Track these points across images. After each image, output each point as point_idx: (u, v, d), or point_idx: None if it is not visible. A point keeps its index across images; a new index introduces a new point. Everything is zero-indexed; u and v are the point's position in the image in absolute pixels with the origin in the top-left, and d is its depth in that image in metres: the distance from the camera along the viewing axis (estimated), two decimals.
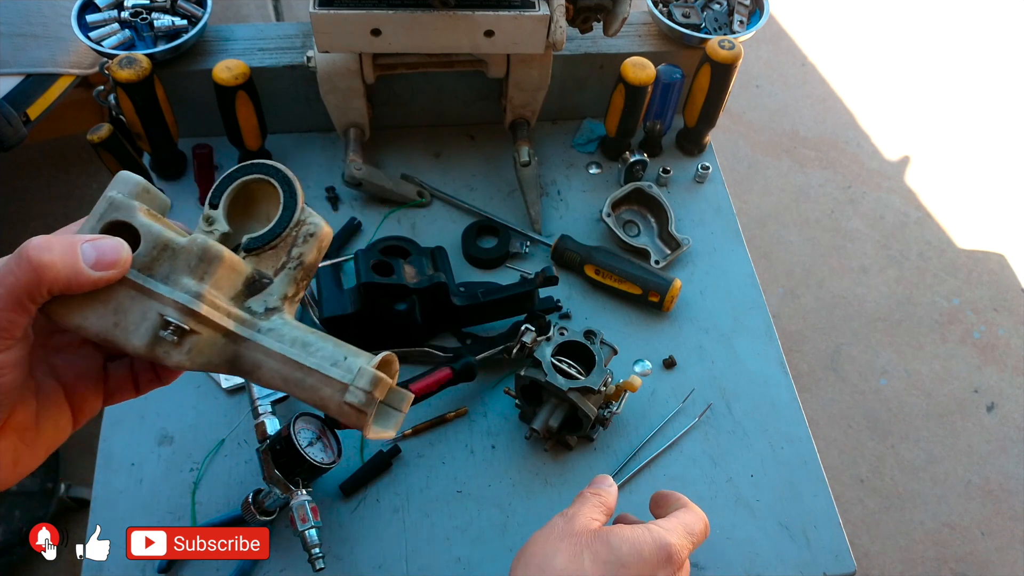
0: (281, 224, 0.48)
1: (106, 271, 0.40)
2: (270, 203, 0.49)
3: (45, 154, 1.99)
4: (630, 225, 0.98)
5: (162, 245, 0.44)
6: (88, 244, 0.40)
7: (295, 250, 0.48)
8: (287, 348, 0.45)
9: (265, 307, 0.47)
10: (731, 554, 0.76)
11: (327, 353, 0.45)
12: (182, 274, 0.44)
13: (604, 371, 0.76)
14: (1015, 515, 1.73)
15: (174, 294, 0.43)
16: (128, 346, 0.43)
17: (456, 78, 1.00)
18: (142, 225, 0.44)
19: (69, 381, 0.45)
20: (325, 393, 0.45)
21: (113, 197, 0.44)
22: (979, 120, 2.48)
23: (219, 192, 0.50)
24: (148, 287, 0.43)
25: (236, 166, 0.50)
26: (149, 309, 0.43)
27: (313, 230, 0.49)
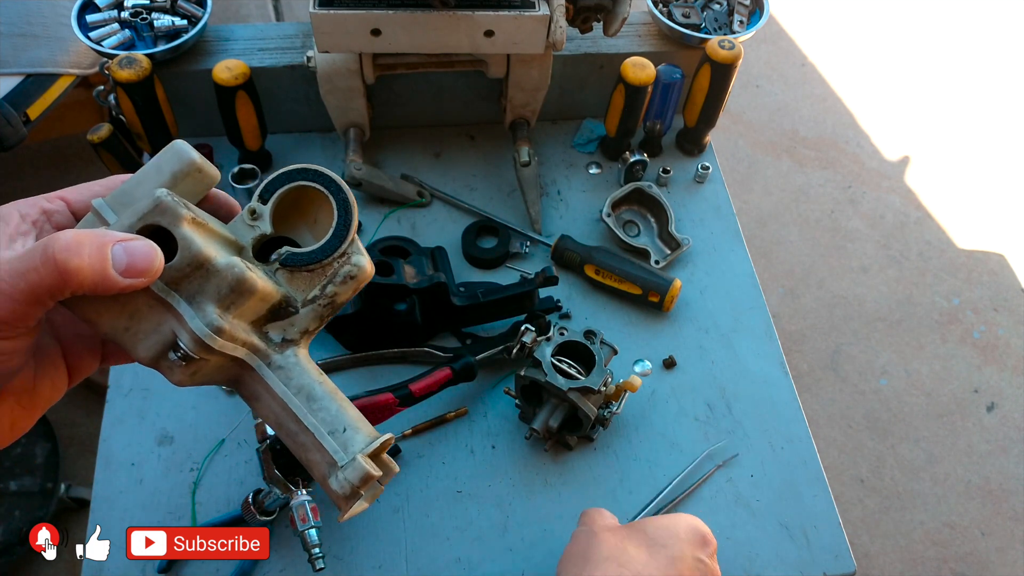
0: (327, 250, 0.45)
1: (134, 279, 0.37)
2: (319, 214, 0.46)
3: (45, 154, 1.99)
4: (630, 225, 0.98)
5: (198, 263, 0.40)
6: (120, 247, 0.37)
7: (331, 287, 0.45)
8: (291, 395, 0.43)
9: (283, 337, 0.45)
10: (731, 554, 0.76)
11: (328, 416, 0.43)
12: (209, 299, 0.41)
13: (604, 371, 0.76)
14: (1015, 515, 1.73)
15: (194, 321, 0.40)
16: (133, 353, 0.41)
17: (456, 78, 1.00)
18: (183, 238, 0.40)
19: (68, 340, 0.44)
20: (313, 457, 0.43)
21: (161, 199, 0.40)
22: (979, 120, 2.47)
23: (271, 189, 0.46)
24: (170, 302, 0.40)
25: (298, 166, 0.46)
26: (164, 323, 0.40)
27: (355, 272, 0.45)
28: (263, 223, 0.44)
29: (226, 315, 0.41)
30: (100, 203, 0.41)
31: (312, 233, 0.47)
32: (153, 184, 0.41)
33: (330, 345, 0.85)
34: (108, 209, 0.40)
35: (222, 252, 0.41)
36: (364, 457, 0.42)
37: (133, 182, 0.41)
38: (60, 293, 0.36)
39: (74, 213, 0.42)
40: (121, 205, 0.40)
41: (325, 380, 0.44)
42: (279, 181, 0.45)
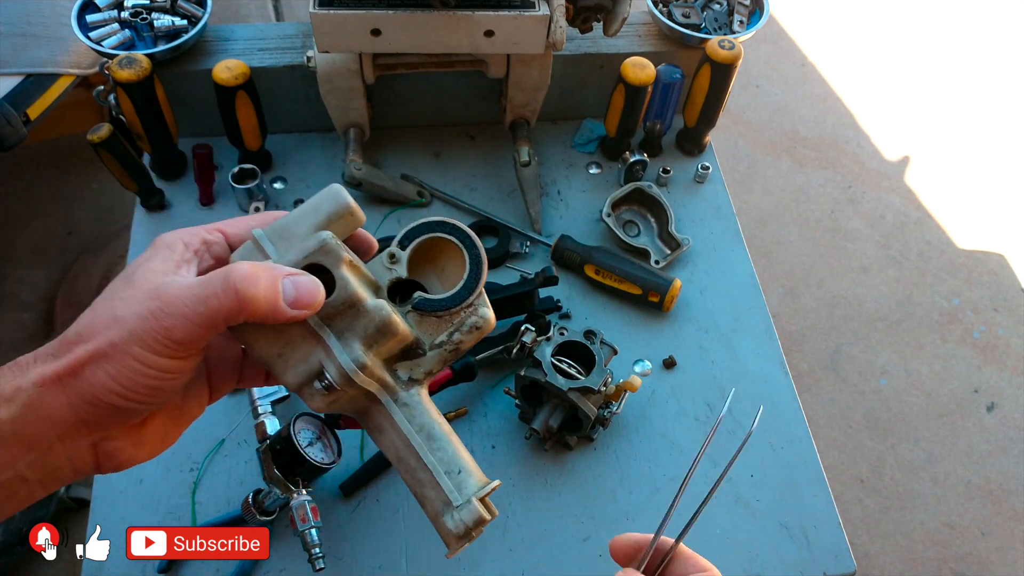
0: (456, 300, 0.48)
1: (299, 311, 0.41)
2: (447, 264, 0.50)
3: (45, 154, 1.99)
4: (630, 225, 0.98)
5: (351, 303, 0.44)
6: (289, 281, 0.41)
7: (457, 335, 0.48)
8: (413, 433, 0.47)
9: (409, 376, 0.48)
10: (731, 554, 0.76)
11: (446, 456, 0.47)
12: (356, 336, 0.44)
13: (604, 371, 0.76)
14: (1015, 515, 1.73)
15: (342, 356, 0.44)
16: (283, 379, 0.44)
17: (456, 78, 1.00)
18: (341, 278, 0.44)
19: (213, 361, 0.46)
20: (429, 494, 0.47)
21: (327, 241, 0.44)
22: (979, 120, 2.47)
23: (411, 236, 0.49)
24: (322, 336, 0.44)
25: (438, 219, 0.50)
26: (313, 355, 0.44)
27: (480, 324, 0.49)
28: (400, 267, 0.48)
29: (368, 353, 0.44)
30: (260, 233, 0.44)
31: (439, 280, 0.51)
32: (310, 223, 0.45)
33: None
34: (267, 240, 0.44)
35: (370, 294, 0.45)
36: (479, 501, 0.46)
37: (291, 219, 0.45)
38: (235, 319, 0.39)
39: (231, 245, 0.45)
40: (279, 238, 0.45)
41: (443, 421, 0.48)
42: (419, 230, 0.49)
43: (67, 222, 1.93)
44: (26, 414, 0.36)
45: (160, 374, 0.38)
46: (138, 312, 0.37)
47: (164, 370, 0.38)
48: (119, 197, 1.93)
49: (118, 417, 0.39)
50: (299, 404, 0.82)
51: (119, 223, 1.90)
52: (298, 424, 0.71)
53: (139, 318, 0.37)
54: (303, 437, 0.70)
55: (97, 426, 0.39)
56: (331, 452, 0.73)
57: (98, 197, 1.97)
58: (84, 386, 0.37)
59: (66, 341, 0.38)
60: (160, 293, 0.38)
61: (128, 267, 0.42)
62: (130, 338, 0.37)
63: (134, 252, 0.92)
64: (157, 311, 0.37)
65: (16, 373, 0.37)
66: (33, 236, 1.91)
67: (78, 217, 1.93)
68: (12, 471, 0.37)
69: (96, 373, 0.37)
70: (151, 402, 0.39)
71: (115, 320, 0.37)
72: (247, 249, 0.45)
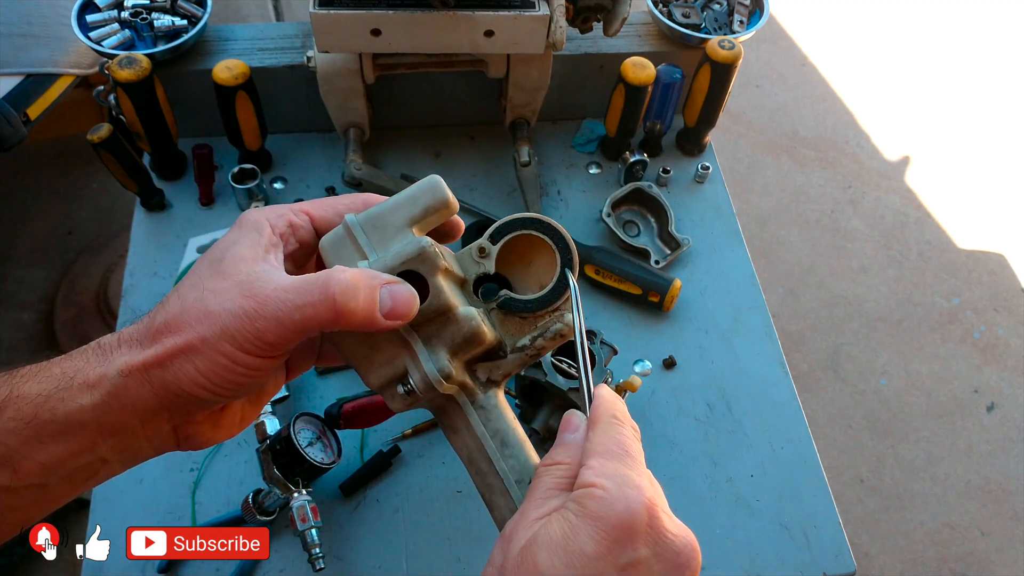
0: (543, 303, 0.47)
1: (394, 321, 0.40)
2: (535, 262, 0.49)
3: (45, 154, 1.99)
4: (630, 225, 0.98)
5: (443, 311, 0.44)
6: (387, 291, 0.40)
7: (540, 340, 0.47)
8: (488, 438, 0.46)
9: (488, 378, 0.47)
10: (731, 554, 0.76)
11: (517, 464, 0.46)
12: (443, 344, 0.44)
13: (604, 371, 0.76)
14: (1015, 515, 1.73)
15: (428, 364, 0.43)
16: (365, 378, 0.45)
17: (456, 78, 1.00)
18: (436, 287, 0.43)
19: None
20: (498, 501, 0.46)
21: (425, 248, 0.43)
22: (979, 120, 2.48)
23: (504, 231, 0.48)
24: (410, 342, 0.44)
25: (532, 215, 0.48)
26: (398, 359, 0.44)
27: (564, 331, 0.48)
28: (489, 262, 0.47)
29: (454, 361, 0.44)
30: (352, 220, 0.44)
31: (524, 278, 0.49)
32: (406, 214, 0.44)
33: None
34: (360, 229, 0.44)
35: (462, 300, 0.45)
36: None
37: (387, 208, 0.44)
38: (329, 328, 0.39)
39: (316, 228, 0.45)
40: (372, 228, 0.44)
41: (517, 427, 0.47)
42: (512, 226, 0.48)
43: (67, 222, 1.93)
44: (109, 401, 0.36)
45: (247, 371, 0.38)
46: (231, 310, 0.37)
47: (252, 368, 0.38)
48: (119, 197, 1.93)
49: (201, 406, 0.39)
50: (299, 404, 0.82)
51: (119, 223, 1.90)
52: (298, 424, 0.71)
53: (232, 316, 0.36)
54: (303, 437, 0.70)
55: (179, 412, 0.39)
56: (331, 452, 0.73)
57: (98, 197, 1.97)
58: (170, 378, 0.37)
59: (153, 330, 0.38)
60: (255, 292, 0.37)
61: (214, 248, 0.41)
62: (222, 335, 0.36)
63: (134, 252, 0.92)
64: (252, 312, 0.37)
65: (101, 358, 0.37)
66: (33, 236, 1.91)
67: (78, 217, 1.93)
68: (92, 454, 0.37)
69: (184, 367, 0.36)
70: (235, 396, 0.39)
71: (207, 314, 0.37)
72: (338, 236, 0.44)
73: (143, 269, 0.91)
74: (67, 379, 0.36)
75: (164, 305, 0.39)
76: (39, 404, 0.35)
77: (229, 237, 0.41)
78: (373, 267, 0.42)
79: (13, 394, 0.35)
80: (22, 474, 0.34)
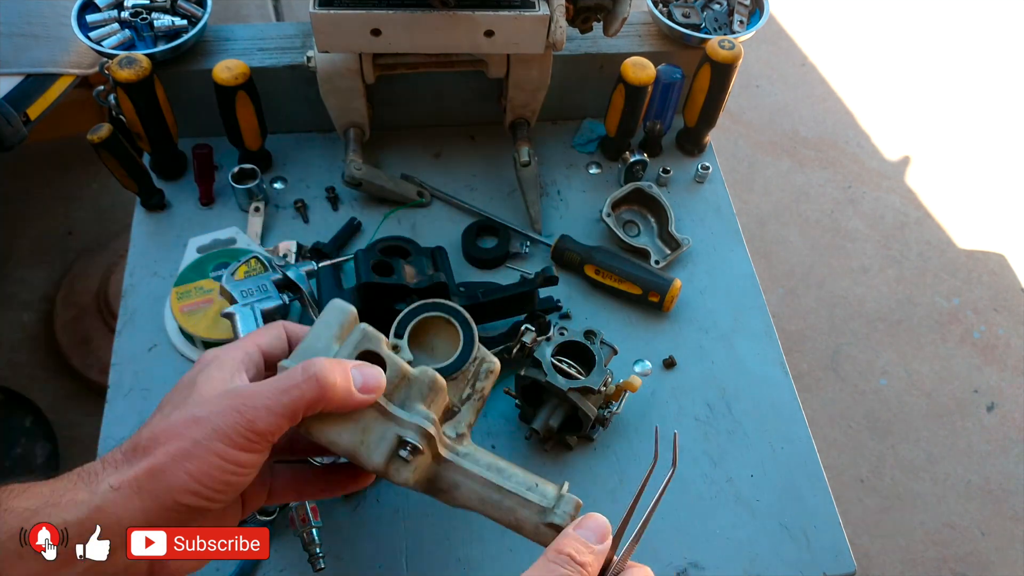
0: (464, 358, 0.57)
1: (368, 395, 0.46)
2: (437, 335, 0.60)
3: (45, 154, 1.99)
4: (630, 225, 0.98)
5: (401, 375, 0.51)
6: (356, 370, 0.46)
7: (478, 384, 0.57)
8: (485, 472, 0.53)
9: (456, 432, 0.55)
10: (731, 554, 0.76)
11: (520, 479, 0.54)
12: (416, 400, 0.51)
13: (604, 371, 0.76)
14: (1015, 515, 1.73)
15: (414, 418, 0.50)
16: (369, 463, 0.49)
17: (456, 78, 1.00)
18: (388, 356, 0.51)
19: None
20: (522, 514, 0.53)
21: (366, 330, 0.51)
22: (979, 120, 2.48)
23: (403, 325, 0.58)
24: (391, 411, 0.50)
25: (417, 304, 0.59)
26: (388, 431, 0.50)
27: (492, 367, 0.58)
28: (405, 352, 0.55)
29: (430, 411, 0.51)
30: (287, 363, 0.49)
31: (433, 351, 0.59)
32: (331, 334, 0.51)
33: None
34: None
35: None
36: (567, 492, 0.54)
37: (311, 340, 0.51)
38: (314, 408, 0.43)
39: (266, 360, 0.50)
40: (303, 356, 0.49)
41: (500, 457, 0.55)
42: (408, 318, 0.59)
43: (67, 222, 1.93)
44: (96, 516, 0.37)
45: (237, 468, 0.40)
46: (219, 410, 0.40)
47: (241, 464, 0.41)
48: (119, 197, 1.93)
49: (189, 516, 0.41)
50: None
51: (119, 223, 1.90)
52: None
53: (222, 415, 0.40)
54: None
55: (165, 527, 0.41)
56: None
57: (98, 197, 1.97)
58: (161, 488, 0.39)
59: (140, 447, 0.40)
60: (239, 391, 0.41)
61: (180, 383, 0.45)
62: (213, 434, 0.39)
63: (134, 252, 0.92)
64: (240, 406, 0.40)
65: (88, 479, 0.38)
66: (33, 236, 1.91)
67: (78, 217, 1.93)
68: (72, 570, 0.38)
69: (176, 473, 0.39)
70: (223, 499, 0.41)
71: (195, 420, 0.40)
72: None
73: (143, 269, 0.91)
74: (55, 496, 0.37)
75: (146, 426, 0.41)
76: (26, 518, 0.36)
77: (192, 371, 0.45)
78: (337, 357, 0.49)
79: (1, 507, 0.36)
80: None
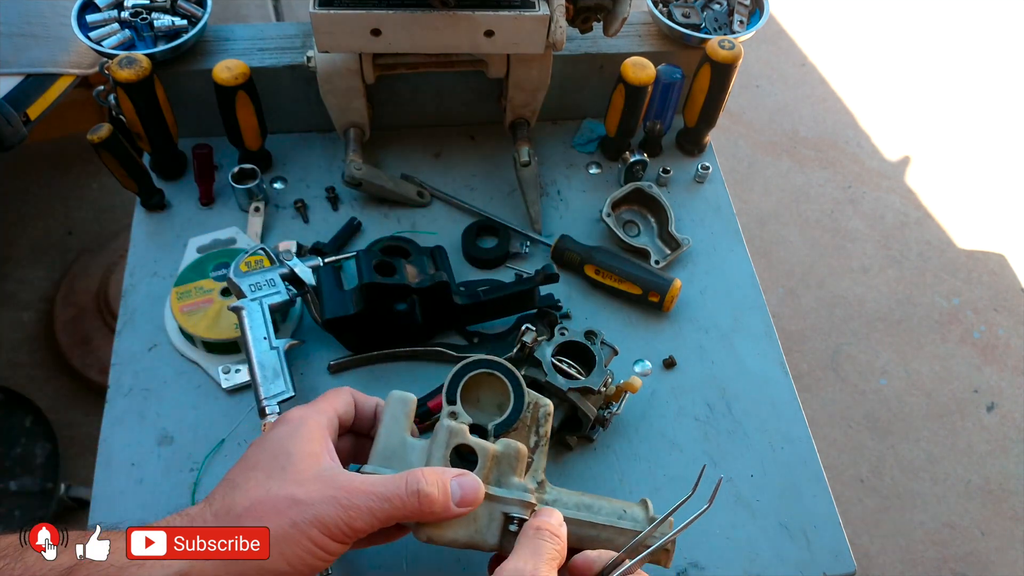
0: (519, 410, 0.60)
1: (465, 508, 0.48)
2: (480, 389, 0.62)
3: (45, 154, 1.99)
4: (630, 225, 0.98)
5: (491, 456, 0.54)
6: (455, 482, 0.48)
7: (540, 429, 0.61)
8: (576, 512, 0.56)
9: (536, 482, 0.58)
10: (731, 554, 0.76)
11: (609, 510, 0.58)
12: (508, 474, 0.55)
13: (604, 371, 0.76)
14: (1015, 515, 1.73)
15: (514, 494, 0.54)
16: (487, 546, 0.53)
17: (456, 78, 1.00)
18: (477, 444, 0.54)
19: None
20: (620, 540, 0.57)
21: (451, 427, 0.54)
22: (979, 120, 2.48)
23: (453, 389, 0.60)
24: (494, 494, 0.53)
25: (459, 365, 0.61)
26: (495, 512, 0.53)
27: (549, 409, 0.61)
28: (463, 415, 0.58)
29: (524, 480, 0.56)
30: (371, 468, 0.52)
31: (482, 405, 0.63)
32: (401, 428, 0.55)
33: (334, 346, 0.85)
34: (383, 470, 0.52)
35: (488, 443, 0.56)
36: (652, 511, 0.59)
37: (384, 439, 0.55)
38: (412, 518, 0.45)
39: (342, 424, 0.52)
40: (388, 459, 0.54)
41: (583, 493, 0.60)
42: (455, 380, 0.61)
43: (67, 222, 1.93)
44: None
45: (326, 556, 0.42)
46: (320, 499, 0.41)
47: (330, 553, 0.42)
48: (119, 197, 1.93)
49: None
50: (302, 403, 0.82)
51: (119, 223, 1.90)
52: None
53: (323, 505, 0.41)
54: None
55: None
56: None
57: (98, 197, 1.97)
58: (252, 565, 0.41)
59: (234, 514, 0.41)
60: (340, 484, 0.43)
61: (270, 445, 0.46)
62: (313, 521, 0.41)
63: (134, 252, 0.92)
64: (343, 499, 0.42)
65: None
66: (33, 236, 1.91)
67: (78, 217, 1.93)
68: None
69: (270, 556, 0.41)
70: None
71: (295, 503, 0.41)
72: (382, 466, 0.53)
73: (143, 269, 0.91)
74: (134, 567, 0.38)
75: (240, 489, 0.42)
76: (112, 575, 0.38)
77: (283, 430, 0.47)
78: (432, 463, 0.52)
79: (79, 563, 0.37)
80: None
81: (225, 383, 0.82)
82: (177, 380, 0.83)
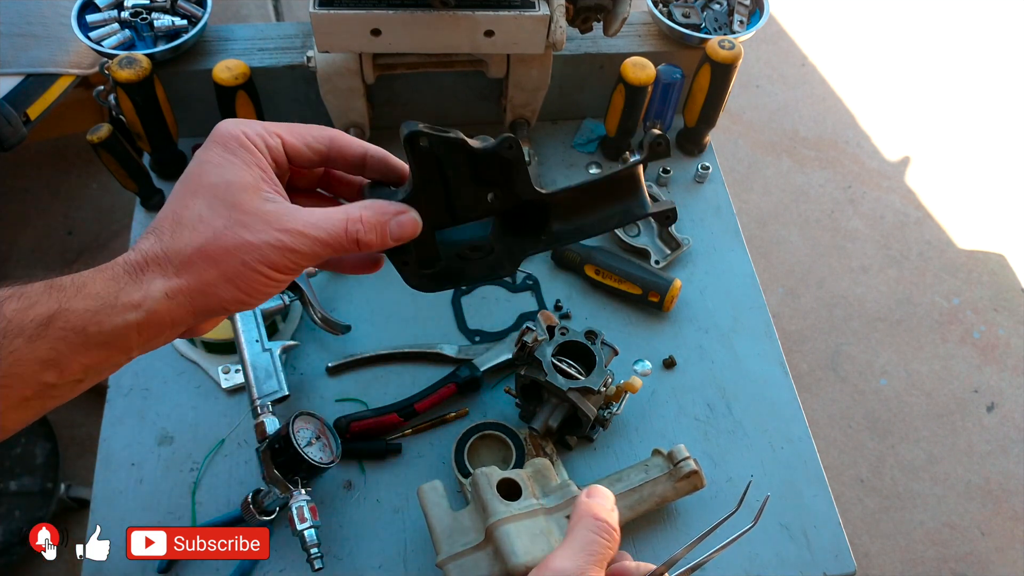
0: (519, 460, 0.76)
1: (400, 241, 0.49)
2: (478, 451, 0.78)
3: (45, 154, 1.99)
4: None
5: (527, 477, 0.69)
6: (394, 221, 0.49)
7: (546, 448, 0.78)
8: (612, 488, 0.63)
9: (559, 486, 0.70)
10: (731, 554, 0.76)
11: (635, 474, 0.73)
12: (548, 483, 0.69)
13: (604, 371, 0.76)
14: (1015, 515, 1.73)
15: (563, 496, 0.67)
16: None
17: (456, 78, 1.00)
18: (512, 474, 0.68)
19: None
20: (659, 489, 0.72)
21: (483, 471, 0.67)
22: (979, 120, 2.47)
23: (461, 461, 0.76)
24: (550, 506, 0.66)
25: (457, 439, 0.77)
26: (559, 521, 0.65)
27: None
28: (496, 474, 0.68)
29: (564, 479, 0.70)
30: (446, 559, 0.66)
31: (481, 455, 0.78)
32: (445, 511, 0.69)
33: (332, 347, 0.85)
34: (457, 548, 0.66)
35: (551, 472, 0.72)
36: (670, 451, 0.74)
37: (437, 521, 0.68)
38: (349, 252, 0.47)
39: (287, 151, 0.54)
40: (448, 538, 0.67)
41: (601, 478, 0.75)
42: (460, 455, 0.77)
43: (67, 222, 1.93)
44: (151, 319, 0.42)
45: (280, 283, 0.45)
46: (269, 242, 0.43)
47: (283, 280, 0.45)
48: (119, 197, 1.93)
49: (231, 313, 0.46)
50: (299, 404, 0.82)
51: (119, 223, 1.90)
52: (297, 424, 0.71)
53: (272, 248, 0.43)
54: (302, 437, 0.70)
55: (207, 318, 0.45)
56: (330, 451, 0.73)
57: (98, 197, 1.97)
58: (213, 301, 0.43)
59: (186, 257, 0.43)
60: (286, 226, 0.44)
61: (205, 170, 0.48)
62: (262, 260, 0.43)
63: None
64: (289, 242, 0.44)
65: (136, 281, 0.42)
66: (33, 236, 1.91)
67: (78, 217, 1.93)
68: (127, 356, 0.43)
69: (227, 289, 0.43)
70: (263, 301, 0.46)
71: (244, 244, 0.43)
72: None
73: None
74: (111, 298, 0.41)
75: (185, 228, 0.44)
76: (87, 319, 0.40)
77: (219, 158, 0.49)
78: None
79: (62, 307, 0.39)
80: (66, 374, 0.40)
81: (225, 383, 0.82)
82: (177, 380, 0.83)
